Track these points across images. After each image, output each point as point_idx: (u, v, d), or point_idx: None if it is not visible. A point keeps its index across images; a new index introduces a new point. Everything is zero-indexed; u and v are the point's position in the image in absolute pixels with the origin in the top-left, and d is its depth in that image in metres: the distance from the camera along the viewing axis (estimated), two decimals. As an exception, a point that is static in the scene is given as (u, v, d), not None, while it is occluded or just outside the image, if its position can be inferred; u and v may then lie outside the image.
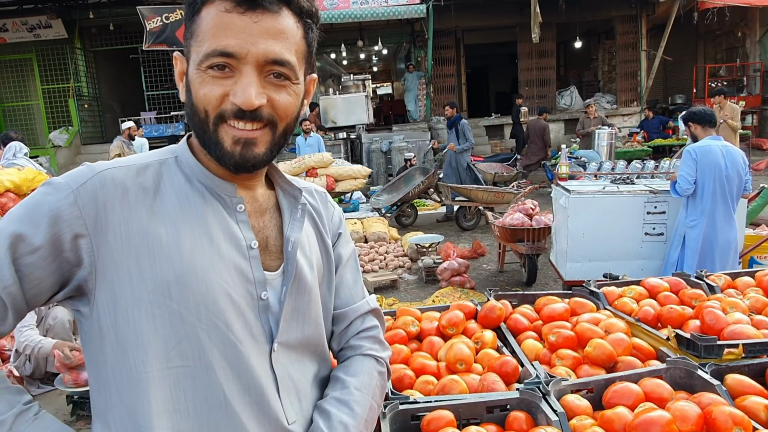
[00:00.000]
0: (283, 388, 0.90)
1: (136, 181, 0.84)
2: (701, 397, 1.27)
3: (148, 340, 0.81)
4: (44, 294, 0.82)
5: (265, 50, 0.80)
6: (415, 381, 1.51)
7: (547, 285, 5.61)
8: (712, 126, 4.17)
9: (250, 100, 0.80)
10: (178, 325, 0.82)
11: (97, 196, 0.81)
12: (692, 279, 2.09)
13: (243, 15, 0.79)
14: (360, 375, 0.99)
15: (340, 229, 1.08)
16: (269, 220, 0.95)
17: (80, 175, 0.82)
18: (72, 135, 13.67)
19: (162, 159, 0.90)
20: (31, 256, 0.78)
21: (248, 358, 0.86)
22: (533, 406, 1.32)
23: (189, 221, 0.85)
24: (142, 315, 0.81)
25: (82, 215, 0.80)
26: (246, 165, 0.86)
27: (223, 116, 0.82)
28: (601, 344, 1.52)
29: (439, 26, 13.06)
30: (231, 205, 0.90)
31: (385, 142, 11.99)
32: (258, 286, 0.89)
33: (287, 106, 0.86)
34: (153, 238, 0.82)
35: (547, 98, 14.91)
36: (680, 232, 4.23)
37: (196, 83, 0.82)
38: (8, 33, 13.01)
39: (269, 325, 0.90)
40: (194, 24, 0.83)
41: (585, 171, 6.10)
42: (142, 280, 0.81)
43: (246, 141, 0.84)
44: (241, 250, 0.88)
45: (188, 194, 0.87)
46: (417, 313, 1.91)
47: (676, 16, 12.42)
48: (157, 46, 12.25)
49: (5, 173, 4.58)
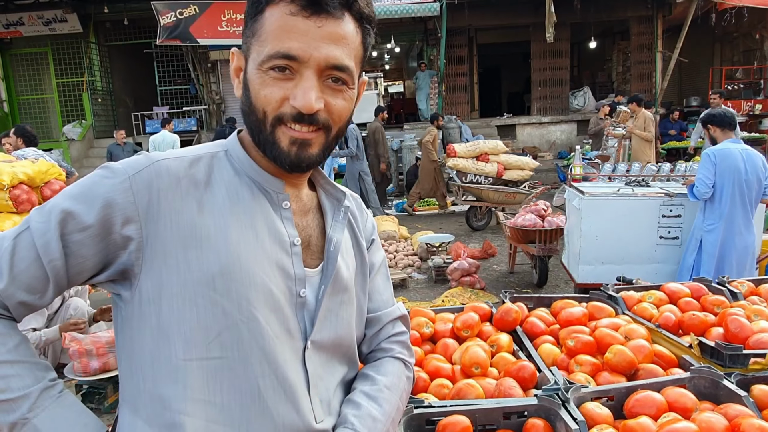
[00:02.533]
0: (313, 386, 0.90)
1: (189, 172, 0.86)
2: (727, 409, 1.23)
3: (190, 329, 0.82)
4: (86, 273, 0.84)
5: (326, 55, 0.82)
6: (429, 384, 1.48)
7: (558, 287, 5.55)
8: (731, 129, 4.10)
9: (310, 105, 0.81)
10: (220, 317, 0.83)
11: (151, 184, 0.83)
12: (714, 285, 2.04)
13: (307, 19, 0.80)
14: (390, 375, 1.02)
15: (373, 236, 1.11)
16: (312, 220, 0.97)
17: (137, 163, 0.84)
18: (85, 129, 13.77)
19: (213, 152, 0.92)
20: (80, 234, 0.81)
21: (283, 353, 0.87)
22: (552, 413, 1.28)
23: (236, 214, 0.86)
24: (186, 304, 0.82)
25: (135, 201, 0.82)
26: (301, 165, 0.87)
27: (281, 119, 0.84)
28: (621, 351, 1.47)
29: (452, 25, 12.99)
30: (277, 201, 0.91)
31: (396, 141, 11.94)
32: (298, 282, 0.90)
33: (342, 111, 0.87)
34: (201, 229, 0.84)
35: (560, 99, 14.79)
36: (697, 236, 4.16)
37: (256, 83, 0.84)
38: (24, 27, 13.12)
39: (305, 323, 0.91)
40: (257, 23, 0.84)
41: (599, 173, 6.03)
42: (189, 271, 0.82)
43: (302, 142, 0.85)
44: (284, 246, 0.90)
45: (237, 188, 0.89)
46: (431, 314, 1.88)
47: (693, 17, 12.25)
48: (171, 41, 12.29)
49: (19, 165, 4.59)
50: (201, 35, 12.28)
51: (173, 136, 9.78)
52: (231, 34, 12.32)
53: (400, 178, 11.72)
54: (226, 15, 12.20)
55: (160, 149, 9.39)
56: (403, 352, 1.07)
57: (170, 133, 9.80)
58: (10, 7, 12.68)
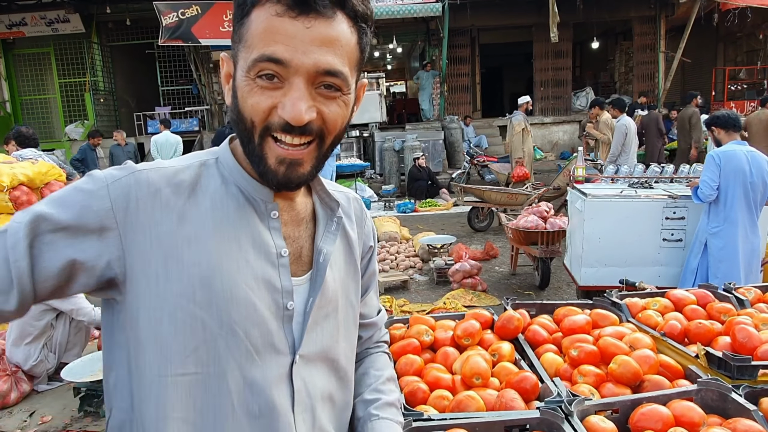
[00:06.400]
0: (298, 402, 0.87)
1: (172, 182, 0.83)
2: (737, 423, 1.19)
3: (167, 344, 0.80)
4: (52, 280, 0.77)
5: (316, 61, 0.76)
6: (428, 396, 1.44)
7: (561, 289, 5.52)
8: (736, 130, 4.06)
9: (299, 116, 0.76)
10: (199, 331, 0.80)
11: (129, 192, 0.80)
12: (720, 292, 2.00)
13: (295, 20, 0.75)
14: (386, 369, 1.12)
15: (372, 242, 1.09)
16: (304, 230, 0.94)
17: (117, 172, 0.82)
18: (87, 128, 13.75)
19: (203, 160, 0.88)
20: (51, 235, 0.77)
21: (264, 369, 0.84)
22: (555, 427, 1.24)
23: (219, 225, 0.83)
24: (164, 318, 0.79)
25: (112, 208, 0.79)
26: (289, 185, 0.84)
27: (269, 129, 0.79)
28: (626, 361, 1.43)
29: (454, 25, 12.97)
30: (265, 211, 0.87)
31: (398, 141, 11.91)
32: (285, 295, 0.87)
33: (336, 119, 0.82)
34: (182, 241, 0.80)
35: (563, 99, 14.74)
36: (701, 238, 4.12)
37: (244, 91, 0.78)
38: (27, 27, 13.15)
39: (293, 336, 0.88)
40: (243, 27, 0.78)
41: (602, 174, 5.98)
42: (168, 282, 0.79)
43: (291, 161, 0.81)
44: (270, 257, 0.86)
45: (222, 198, 0.85)
46: (431, 321, 1.84)
47: (696, 17, 12.20)
48: (173, 41, 12.30)
49: (19, 166, 4.57)
50: (203, 35, 12.27)
51: (176, 137, 9.76)
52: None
53: (401, 178, 11.68)
54: (228, 15, 12.19)
55: (162, 149, 9.37)
56: (386, 347, 1.21)
57: (172, 133, 9.79)
58: (13, 7, 12.70)
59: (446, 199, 10.41)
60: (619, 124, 7.49)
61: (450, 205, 10.06)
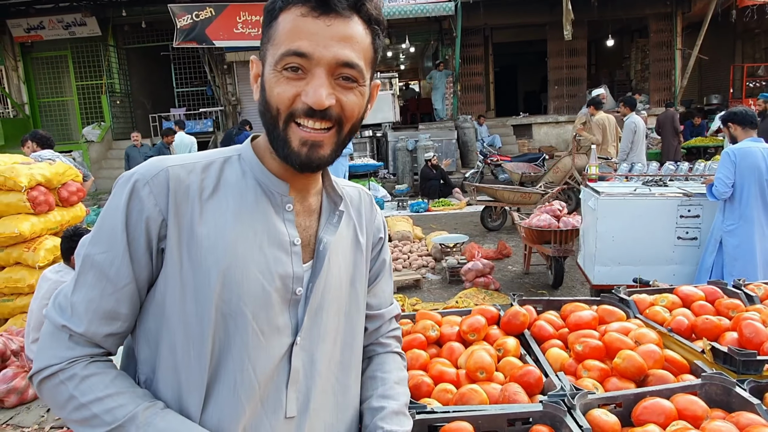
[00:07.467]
0: (293, 381, 0.94)
1: (199, 177, 0.92)
2: (739, 417, 1.18)
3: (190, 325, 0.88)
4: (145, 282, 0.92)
5: (335, 54, 0.86)
6: (433, 389, 1.45)
7: (574, 288, 5.48)
8: (753, 127, 4.00)
9: (320, 100, 0.85)
10: (211, 312, 0.88)
11: (168, 186, 0.89)
12: (729, 288, 1.98)
13: (317, 19, 0.85)
14: (395, 371, 1.14)
15: (382, 234, 1.16)
16: (314, 221, 1.02)
17: (153, 167, 0.91)
18: (104, 130, 13.99)
19: (227, 156, 0.97)
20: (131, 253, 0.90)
21: (267, 348, 0.91)
22: (557, 420, 1.25)
23: (238, 214, 0.91)
24: (186, 300, 0.88)
25: (156, 203, 0.88)
26: (311, 165, 0.91)
27: (293, 114, 0.88)
28: (631, 356, 1.43)
29: (467, 24, 12.93)
30: (281, 203, 0.96)
31: (411, 141, 11.91)
32: (296, 281, 0.94)
33: (354, 107, 0.91)
34: (203, 228, 0.89)
35: (577, 98, 14.61)
36: (716, 236, 4.07)
37: (272, 83, 0.88)
38: (45, 30, 13.38)
39: (296, 319, 0.96)
40: (271, 29, 0.89)
41: (615, 172, 5.93)
42: (191, 266, 0.88)
43: (313, 143, 0.89)
44: (284, 245, 0.94)
45: (242, 190, 0.93)
46: (437, 317, 1.85)
47: (713, 14, 12.03)
48: (187, 43, 12.44)
49: (37, 167, 4.66)
50: (217, 37, 12.40)
51: (191, 138, 9.94)
52: (247, 36, 12.41)
53: (415, 178, 11.68)
54: (241, 17, 12.30)
55: (177, 150, 9.52)
56: (398, 346, 1.21)
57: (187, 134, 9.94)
58: (31, 11, 12.93)
59: (459, 198, 10.39)
60: (628, 122, 7.43)
61: (463, 204, 10.03)
